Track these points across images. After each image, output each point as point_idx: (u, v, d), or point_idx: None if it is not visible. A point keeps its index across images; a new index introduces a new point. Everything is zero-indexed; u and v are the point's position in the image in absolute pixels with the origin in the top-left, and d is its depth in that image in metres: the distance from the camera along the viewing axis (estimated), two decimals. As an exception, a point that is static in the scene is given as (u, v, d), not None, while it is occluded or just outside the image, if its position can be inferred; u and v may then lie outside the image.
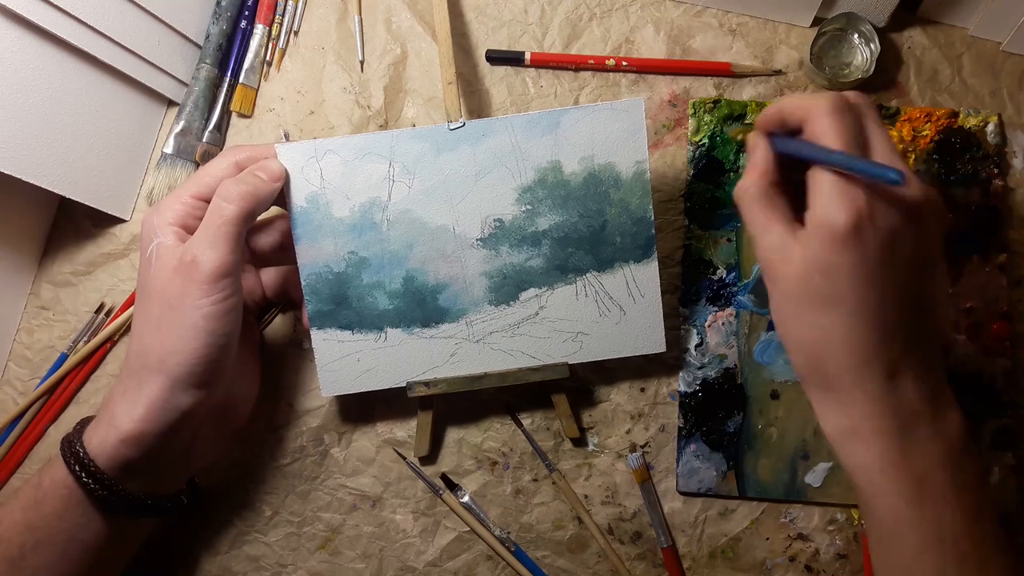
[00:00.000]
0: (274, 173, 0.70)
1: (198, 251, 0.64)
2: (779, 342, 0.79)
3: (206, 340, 0.64)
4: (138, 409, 0.64)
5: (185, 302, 0.64)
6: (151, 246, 0.67)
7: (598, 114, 0.72)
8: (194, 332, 0.64)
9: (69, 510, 0.65)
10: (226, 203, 0.66)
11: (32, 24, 0.69)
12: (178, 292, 0.64)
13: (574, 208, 0.73)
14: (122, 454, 0.64)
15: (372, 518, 0.80)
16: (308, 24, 0.88)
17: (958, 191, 0.80)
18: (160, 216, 0.67)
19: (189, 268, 0.64)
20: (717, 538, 0.78)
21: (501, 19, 0.86)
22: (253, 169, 0.69)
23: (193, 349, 0.64)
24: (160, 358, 0.64)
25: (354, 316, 0.74)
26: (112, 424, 0.64)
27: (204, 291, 0.64)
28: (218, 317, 0.65)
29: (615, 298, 0.74)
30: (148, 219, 0.68)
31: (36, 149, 0.73)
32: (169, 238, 0.66)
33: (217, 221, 0.65)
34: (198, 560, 0.80)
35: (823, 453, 0.77)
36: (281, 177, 0.70)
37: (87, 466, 0.64)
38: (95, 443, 0.65)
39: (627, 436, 0.80)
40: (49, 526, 0.65)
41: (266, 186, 0.69)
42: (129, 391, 0.65)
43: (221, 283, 0.65)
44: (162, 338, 0.64)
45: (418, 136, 0.72)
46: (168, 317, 0.64)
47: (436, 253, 0.73)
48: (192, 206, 0.68)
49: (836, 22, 0.82)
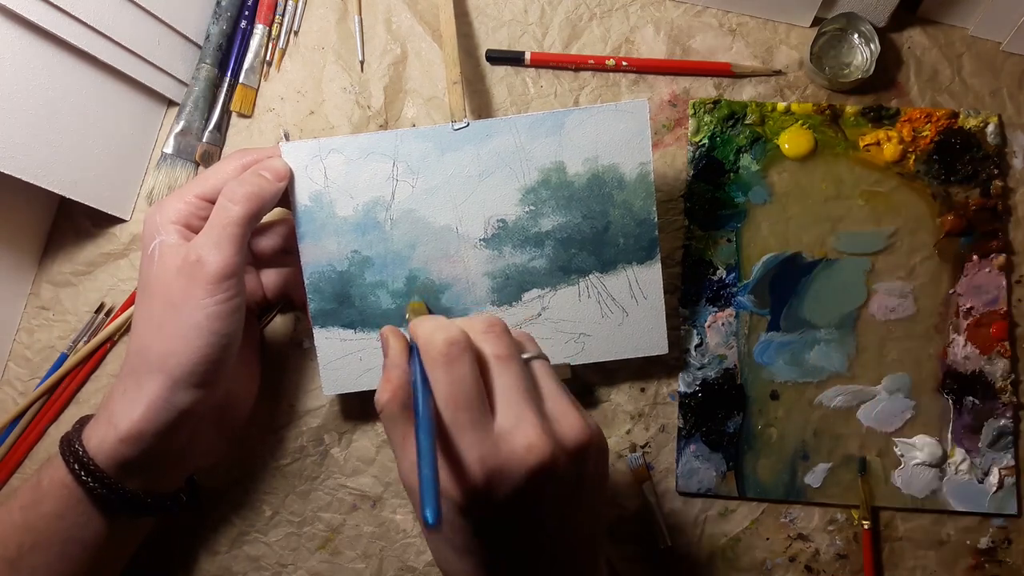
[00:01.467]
0: (279, 172, 0.70)
1: (203, 251, 0.64)
2: (779, 342, 0.79)
3: (208, 340, 0.64)
4: (138, 408, 0.64)
5: (188, 301, 0.64)
6: (153, 243, 0.66)
7: (602, 115, 0.72)
8: (196, 332, 0.64)
9: (68, 509, 0.65)
10: (231, 204, 0.66)
11: (32, 24, 0.69)
12: (181, 291, 0.64)
13: (577, 209, 0.73)
14: (121, 453, 0.64)
15: (372, 518, 0.80)
16: (308, 24, 0.88)
17: (958, 191, 0.80)
18: (163, 214, 0.67)
19: (193, 268, 0.64)
20: (717, 538, 0.78)
21: (501, 19, 0.86)
22: (257, 169, 0.69)
23: (195, 349, 0.64)
24: (161, 357, 0.64)
25: (357, 315, 0.74)
26: (111, 423, 0.64)
27: (208, 291, 0.64)
28: (221, 317, 0.65)
29: (618, 299, 0.74)
30: (151, 217, 0.68)
31: (36, 149, 0.73)
32: (172, 236, 0.66)
33: (223, 221, 0.65)
34: (198, 560, 0.80)
35: (823, 453, 0.78)
36: (286, 176, 0.70)
37: (86, 465, 0.64)
38: (94, 442, 0.64)
39: (627, 436, 0.80)
40: (48, 526, 0.65)
41: (271, 186, 0.68)
42: (129, 390, 0.65)
43: (225, 283, 0.65)
44: (164, 337, 0.64)
45: (422, 136, 0.72)
46: (171, 316, 0.64)
47: (439, 253, 0.73)
48: (196, 206, 0.68)
49: (836, 22, 0.82)
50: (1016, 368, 0.78)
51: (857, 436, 0.78)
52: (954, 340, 0.79)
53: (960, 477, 0.77)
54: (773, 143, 0.82)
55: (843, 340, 0.79)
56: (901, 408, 0.78)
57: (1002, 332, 0.78)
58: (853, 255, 0.80)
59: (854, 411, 0.78)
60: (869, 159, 0.81)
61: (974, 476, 0.77)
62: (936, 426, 0.78)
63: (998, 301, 0.79)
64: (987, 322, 0.79)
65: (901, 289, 0.79)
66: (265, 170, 0.69)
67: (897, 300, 0.79)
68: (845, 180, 0.81)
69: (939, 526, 0.77)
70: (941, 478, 0.77)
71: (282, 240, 0.76)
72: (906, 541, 0.77)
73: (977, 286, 0.79)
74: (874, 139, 0.81)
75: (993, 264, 0.79)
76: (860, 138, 0.82)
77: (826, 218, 0.81)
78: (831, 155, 0.82)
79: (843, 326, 0.79)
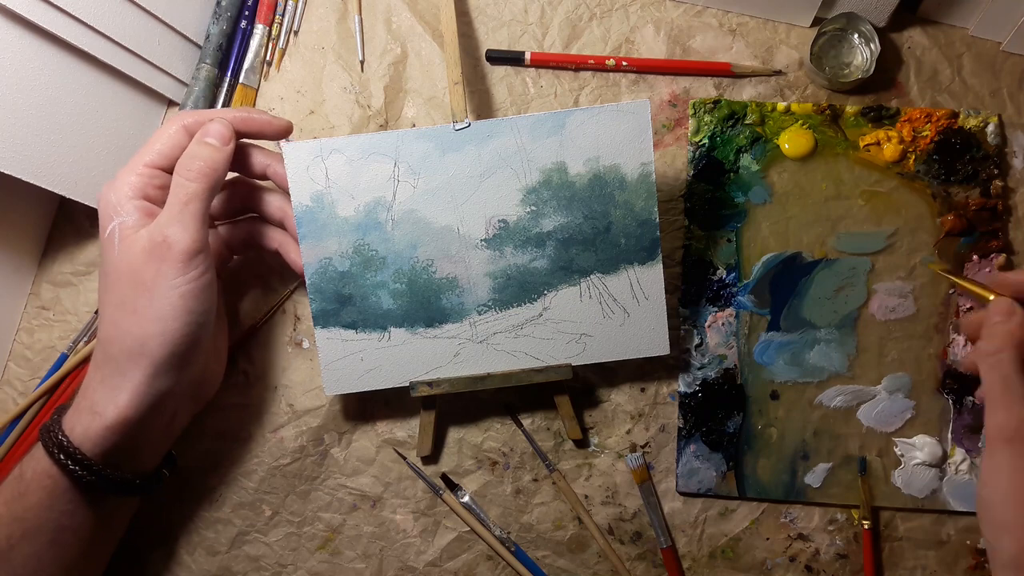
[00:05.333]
0: (223, 136, 0.69)
1: (168, 231, 0.64)
2: (779, 342, 0.79)
3: (185, 319, 0.65)
4: (122, 395, 0.64)
5: (160, 283, 0.64)
6: (111, 225, 0.66)
7: (604, 115, 0.72)
8: (173, 313, 0.64)
9: (55, 499, 0.65)
10: (188, 181, 0.66)
11: (32, 24, 0.69)
12: (152, 274, 0.64)
13: (579, 209, 0.73)
14: (109, 440, 0.65)
15: (372, 518, 0.80)
16: (308, 24, 0.88)
17: (958, 191, 0.81)
18: (117, 192, 0.67)
19: (161, 249, 0.64)
20: (717, 538, 0.78)
21: (501, 19, 0.86)
22: (201, 138, 0.69)
23: (174, 330, 0.64)
24: (140, 342, 0.64)
25: (358, 315, 0.74)
26: (95, 411, 0.65)
27: (179, 270, 0.64)
28: (195, 295, 0.65)
29: (619, 300, 0.74)
30: (105, 196, 0.67)
31: (36, 149, 0.73)
32: (131, 215, 0.66)
33: (183, 199, 0.66)
34: (198, 560, 0.80)
35: (823, 453, 0.78)
36: (231, 139, 0.70)
37: (72, 454, 0.64)
38: (78, 431, 0.65)
39: (627, 436, 0.80)
40: (36, 516, 0.65)
41: (221, 154, 0.68)
42: (109, 377, 0.65)
43: (195, 260, 0.65)
44: (139, 321, 0.64)
45: (423, 136, 0.72)
46: (144, 300, 0.64)
47: (440, 253, 0.73)
48: (148, 175, 0.68)
49: (836, 22, 0.82)
50: (1016, 368, 0.79)
51: (857, 436, 0.78)
52: (954, 340, 0.79)
53: (960, 477, 0.77)
54: (773, 143, 0.82)
55: (843, 340, 0.79)
56: (901, 408, 0.78)
57: (1002, 332, 0.78)
58: (853, 255, 0.80)
59: (854, 411, 0.78)
60: (869, 159, 0.81)
61: (974, 476, 0.77)
62: (936, 426, 0.78)
63: (998, 301, 0.79)
64: (987, 322, 0.79)
65: (901, 289, 0.79)
66: (210, 137, 0.69)
67: (897, 300, 0.79)
68: (845, 180, 0.81)
69: (939, 526, 0.77)
70: (941, 478, 0.77)
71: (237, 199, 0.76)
72: (906, 541, 0.77)
73: (977, 286, 0.79)
74: (874, 139, 0.81)
75: (993, 264, 0.79)
76: (860, 138, 0.82)
77: (826, 218, 0.81)
78: (831, 155, 0.82)
79: (843, 326, 0.79)
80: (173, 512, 0.80)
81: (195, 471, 0.80)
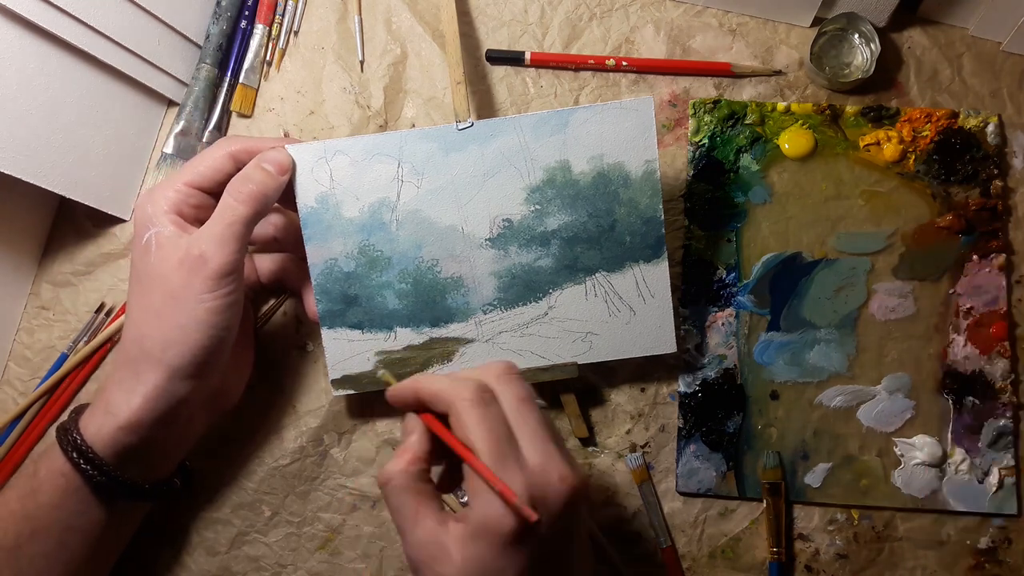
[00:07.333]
0: (282, 166, 0.70)
1: (207, 247, 0.65)
2: (779, 342, 0.79)
3: (207, 333, 0.65)
4: (136, 398, 0.65)
5: (189, 295, 0.65)
6: (148, 233, 0.67)
7: (607, 113, 0.72)
8: (196, 324, 0.65)
9: (66, 498, 0.66)
10: (237, 203, 0.66)
11: (32, 24, 0.69)
12: (182, 284, 0.65)
13: (583, 208, 0.73)
14: (120, 441, 0.65)
15: (372, 518, 0.80)
16: (308, 24, 0.88)
17: (958, 191, 0.81)
18: (155, 204, 0.67)
19: (196, 263, 0.65)
20: (717, 538, 0.78)
21: (501, 19, 0.86)
22: (260, 162, 0.69)
23: (194, 341, 0.65)
24: (160, 347, 0.65)
25: (364, 315, 0.74)
26: (109, 412, 0.65)
27: (209, 287, 0.65)
28: (221, 312, 0.66)
29: (625, 298, 0.74)
30: (142, 206, 0.68)
31: (36, 149, 0.73)
32: (167, 227, 0.66)
33: (228, 219, 0.66)
34: (198, 560, 0.80)
35: (823, 454, 0.78)
36: (289, 169, 0.71)
37: (85, 453, 0.64)
38: (92, 430, 0.65)
39: (627, 436, 0.80)
40: (46, 515, 0.65)
41: (275, 182, 0.69)
42: (126, 379, 0.65)
43: (226, 279, 0.65)
44: (162, 327, 0.65)
45: (427, 136, 0.72)
46: (170, 307, 0.65)
47: (445, 253, 0.73)
48: (186, 194, 0.68)
49: (836, 22, 0.83)
50: (1016, 368, 0.79)
51: (857, 436, 0.78)
52: (954, 340, 0.79)
53: (960, 477, 0.77)
54: (773, 143, 0.82)
55: (843, 340, 0.79)
56: (901, 408, 0.78)
57: (1002, 332, 0.79)
58: (853, 255, 0.80)
59: (854, 411, 0.79)
60: (869, 159, 0.81)
61: (974, 476, 0.77)
62: (936, 426, 0.78)
63: (998, 301, 0.79)
64: (987, 322, 0.79)
65: (901, 289, 0.80)
66: (268, 163, 0.69)
67: (897, 300, 0.80)
68: (845, 180, 0.81)
69: (939, 526, 0.78)
70: (941, 478, 0.77)
71: (275, 229, 0.76)
72: (906, 541, 0.77)
73: (977, 286, 0.79)
74: (874, 139, 0.82)
75: (993, 264, 0.80)
76: (860, 138, 0.82)
77: (826, 218, 0.81)
78: (831, 155, 0.82)
79: (843, 326, 0.79)
80: (173, 512, 0.80)
81: (195, 471, 0.79)
